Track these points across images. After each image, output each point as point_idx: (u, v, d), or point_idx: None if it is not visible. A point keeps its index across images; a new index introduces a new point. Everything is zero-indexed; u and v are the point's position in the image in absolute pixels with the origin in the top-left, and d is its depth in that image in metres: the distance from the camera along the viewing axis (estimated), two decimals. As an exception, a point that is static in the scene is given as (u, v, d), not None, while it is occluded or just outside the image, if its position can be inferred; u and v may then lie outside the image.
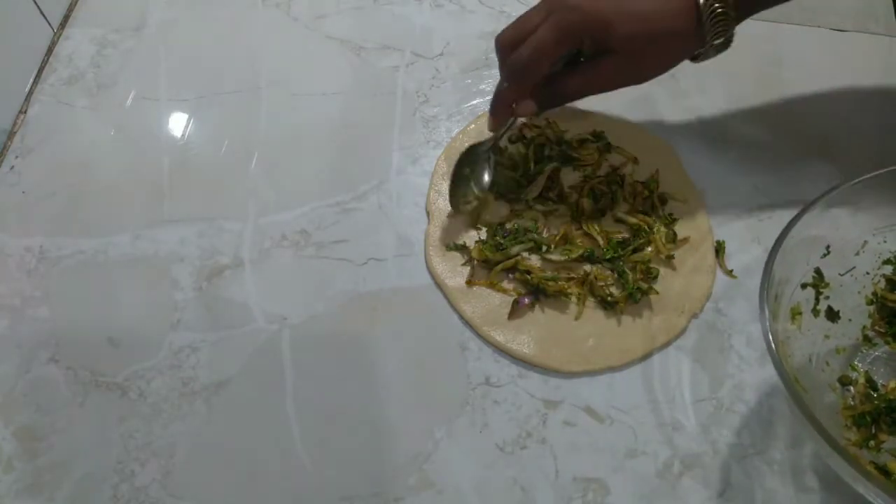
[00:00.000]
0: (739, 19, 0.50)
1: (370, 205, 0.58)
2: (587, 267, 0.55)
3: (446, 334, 0.53)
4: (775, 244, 0.45)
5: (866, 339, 0.51)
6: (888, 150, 0.62)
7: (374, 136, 0.61)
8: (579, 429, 0.50)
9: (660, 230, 0.56)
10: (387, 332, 0.53)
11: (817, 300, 0.50)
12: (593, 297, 0.54)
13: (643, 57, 0.51)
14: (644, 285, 0.53)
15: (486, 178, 0.56)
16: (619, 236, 0.56)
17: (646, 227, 0.56)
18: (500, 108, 0.53)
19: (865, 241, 0.51)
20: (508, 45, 0.51)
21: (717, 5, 0.48)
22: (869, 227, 0.50)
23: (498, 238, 0.55)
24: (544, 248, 0.55)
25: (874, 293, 0.51)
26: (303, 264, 0.55)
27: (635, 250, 0.55)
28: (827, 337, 0.50)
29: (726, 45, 0.51)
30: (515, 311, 0.53)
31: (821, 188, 0.59)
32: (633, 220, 0.56)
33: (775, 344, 0.42)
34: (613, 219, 0.57)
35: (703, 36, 0.49)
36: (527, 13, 0.52)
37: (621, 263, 0.54)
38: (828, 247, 0.49)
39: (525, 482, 0.48)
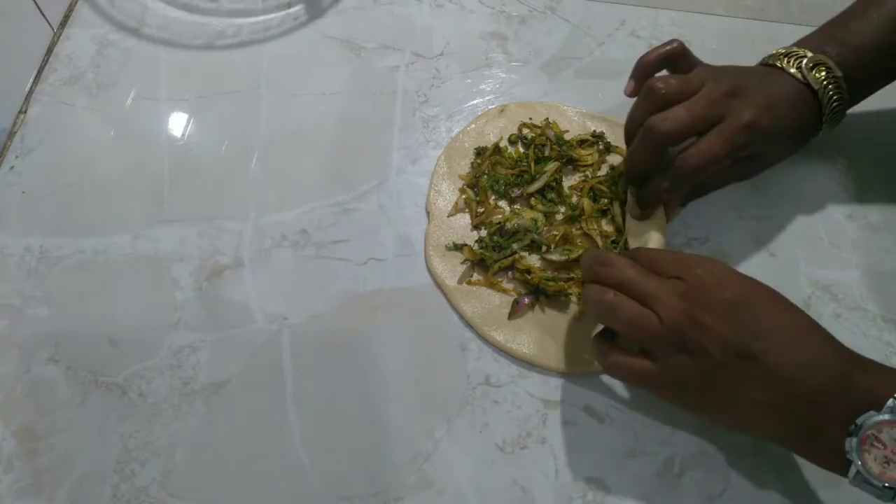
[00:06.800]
0: (853, 103, 0.53)
1: (370, 205, 0.58)
2: (587, 267, 0.55)
3: (446, 334, 0.53)
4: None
5: None
6: (887, 150, 0.62)
7: (374, 136, 0.61)
8: (579, 429, 0.50)
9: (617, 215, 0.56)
10: (387, 332, 0.53)
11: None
12: (593, 297, 0.54)
13: (782, 154, 0.55)
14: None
15: None
16: (615, 236, 0.56)
17: None
18: (655, 202, 0.53)
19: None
20: (664, 102, 0.51)
21: (834, 100, 0.51)
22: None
23: (497, 238, 0.55)
24: (544, 248, 0.55)
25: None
26: (303, 264, 0.55)
27: (626, 247, 0.55)
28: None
29: (835, 125, 0.53)
30: (515, 311, 0.53)
31: (821, 188, 0.60)
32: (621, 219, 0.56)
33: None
34: (611, 218, 0.57)
35: (821, 123, 0.52)
36: (695, 92, 0.51)
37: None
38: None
39: (525, 482, 0.48)
